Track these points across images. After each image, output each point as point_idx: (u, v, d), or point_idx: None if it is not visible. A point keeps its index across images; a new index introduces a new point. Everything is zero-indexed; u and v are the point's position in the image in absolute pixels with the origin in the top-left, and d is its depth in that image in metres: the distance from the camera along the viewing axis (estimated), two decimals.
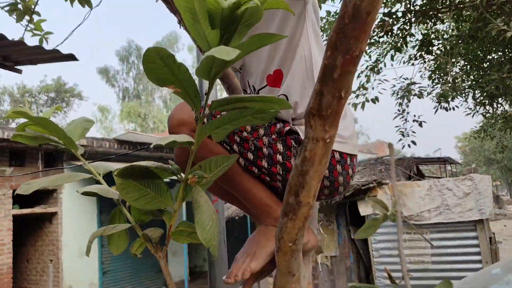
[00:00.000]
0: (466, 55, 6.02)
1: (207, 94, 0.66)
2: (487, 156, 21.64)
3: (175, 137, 0.67)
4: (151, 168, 0.74)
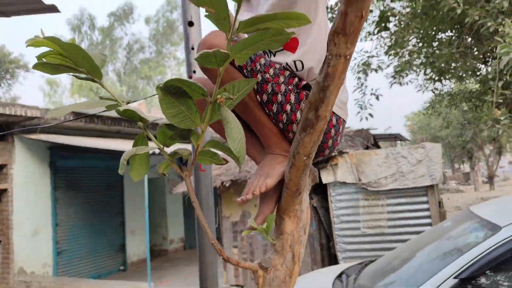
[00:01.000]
0: (419, 32, 6.35)
1: (235, 16, 0.75)
2: (433, 134, 22.93)
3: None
4: (184, 87, 0.82)
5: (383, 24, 5.95)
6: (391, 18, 6.08)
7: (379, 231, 5.32)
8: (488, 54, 5.95)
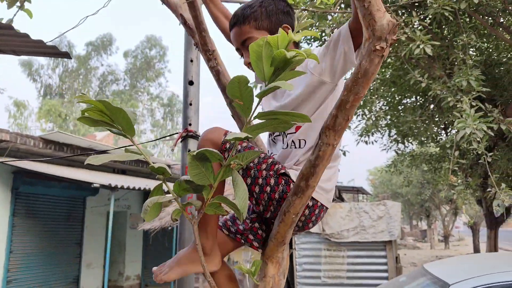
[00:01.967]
0: (386, 98, 6.89)
1: (255, 106, 1.00)
2: (394, 190, 23.76)
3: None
4: (207, 154, 1.04)
5: None
6: None
7: (338, 282, 5.51)
8: (447, 123, 6.51)
